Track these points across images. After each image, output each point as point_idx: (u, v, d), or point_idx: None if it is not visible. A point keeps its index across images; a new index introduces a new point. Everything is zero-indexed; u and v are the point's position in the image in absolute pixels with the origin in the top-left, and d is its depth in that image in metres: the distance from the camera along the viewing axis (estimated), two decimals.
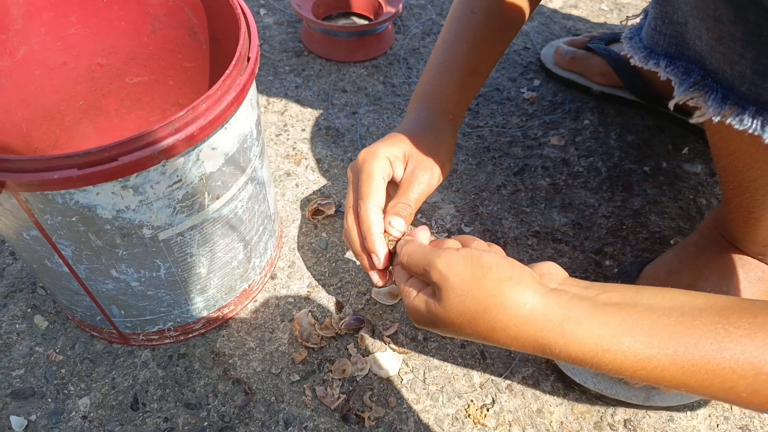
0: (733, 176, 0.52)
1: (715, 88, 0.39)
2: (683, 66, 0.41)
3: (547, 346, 0.37)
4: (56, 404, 0.59)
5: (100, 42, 0.64)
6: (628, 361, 0.36)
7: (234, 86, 0.46)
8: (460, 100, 0.61)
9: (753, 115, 0.38)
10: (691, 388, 0.35)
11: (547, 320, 0.37)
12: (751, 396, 0.34)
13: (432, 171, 0.54)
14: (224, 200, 0.52)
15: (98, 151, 0.40)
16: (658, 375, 0.35)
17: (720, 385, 0.34)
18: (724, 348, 0.34)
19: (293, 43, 1.00)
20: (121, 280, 0.53)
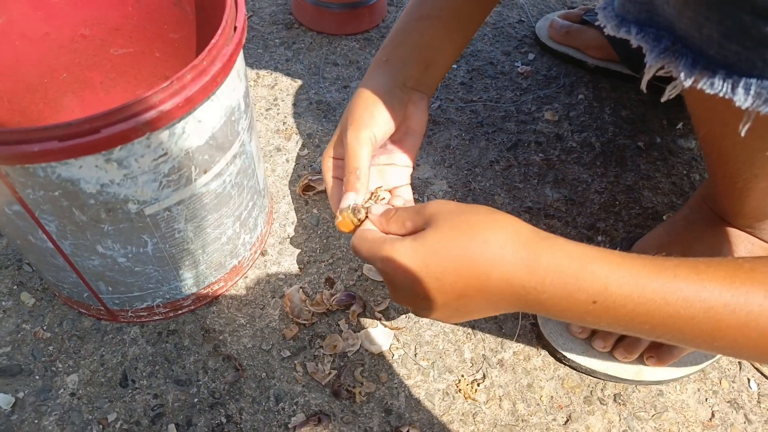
0: (714, 145, 0.52)
1: (685, 53, 0.39)
2: (653, 33, 0.41)
3: (534, 254, 0.38)
4: (44, 381, 0.59)
5: (82, 12, 0.62)
6: (597, 285, 0.36)
7: (220, 56, 0.45)
8: (421, 66, 0.57)
9: (723, 78, 0.38)
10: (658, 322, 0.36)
11: (532, 239, 0.39)
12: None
13: (361, 127, 0.52)
14: (212, 174, 0.51)
15: (80, 122, 0.39)
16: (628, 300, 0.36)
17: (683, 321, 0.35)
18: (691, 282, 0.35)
19: (283, 15, 0.98)
20: (107, 255, 0.52)
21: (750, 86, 0.37)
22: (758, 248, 0.58)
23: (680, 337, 0.36)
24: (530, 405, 0.59)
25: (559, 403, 0.59)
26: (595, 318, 0.38)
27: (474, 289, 0.39)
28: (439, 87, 0.87)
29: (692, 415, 0.59)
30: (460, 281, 0.39)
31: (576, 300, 0.37)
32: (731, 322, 0.34)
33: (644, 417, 0.58)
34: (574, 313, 0.38)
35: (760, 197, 0.52)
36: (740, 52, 0.36)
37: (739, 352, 0.36)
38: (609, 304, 0.36)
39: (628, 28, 0.43)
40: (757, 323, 0.33)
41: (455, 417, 0.58)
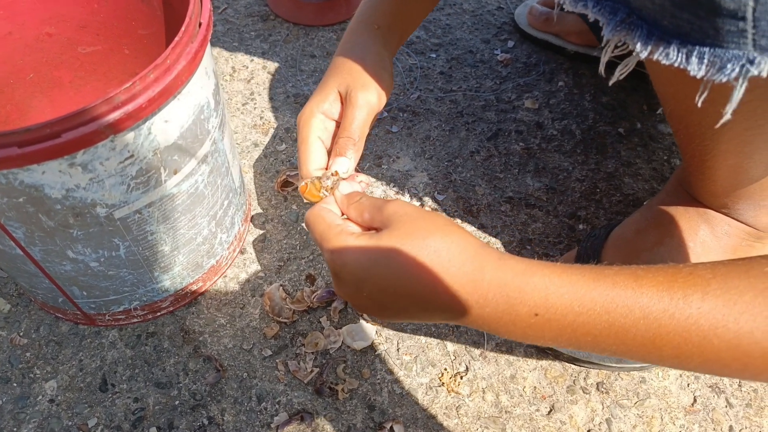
0: (680, 122, 0.52)
1: (640, 24, 0.39)
2: (609, 5, 0.41)
3: (480, 269, 0.38)
4: (22, 389, 0.58)
5: (47, 10, 0.60)
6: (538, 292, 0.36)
7: (184, 54, 0.44)
8: (396, 19, 0.58)
9: (677, 48, 0.38)
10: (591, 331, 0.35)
11: (486, 251, 0.39)
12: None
13: (370, 90, 0.52)
14: (183, 175, 0.50)
15: (39, 127, 0.38)
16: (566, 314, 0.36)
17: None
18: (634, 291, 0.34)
19: (259, 7, 0.96)
20: (79, 260, 0.51)
21: (703, 55, 0.37)
22: (735, 229, 0.58)
23: (623, 348, 0.35)
24: (513, 396, 0.59)
25: (543, 394, 0.59)
26: (538, 332, 0.37)
27: (418, 298, 0.39)
28: (418, 77, 0.86)
29: (674, 401, 0.59)
30: (404, 290, 0.39)
31: (518, 314, 0.36)
32: (671, 327, 0.33)
33: (627, 404, 0.58)
34: (517, 328, 0.37)
35: (731, 175, 0.52)
36: (692, 21, 0.36)
37: (687, 361, 0.34)
38: (551, 316, 0.36)
39: (585, 2, 0.43)
40: (698, 326, 0.33)
41: (439, 411, 0.58)
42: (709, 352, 0.33)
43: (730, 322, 0.32)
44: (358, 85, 0.51)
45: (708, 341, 0.32)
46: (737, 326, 0.32)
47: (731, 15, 0.34)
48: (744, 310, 0.32)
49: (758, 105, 0.43)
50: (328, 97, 0.52)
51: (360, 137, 0.51)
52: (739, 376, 0.34)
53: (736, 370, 0.33)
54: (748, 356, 0.32)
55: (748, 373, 0.33)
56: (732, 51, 0.36)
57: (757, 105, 0.43)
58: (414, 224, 0.40)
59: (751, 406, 0.59)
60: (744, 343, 0.32)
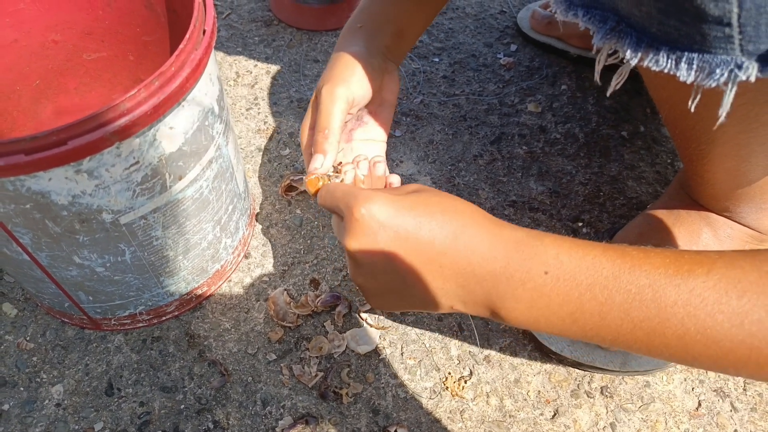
0: (676, 127, 0.52)
1: (629, 32, 0.40)
2: (599, 14, 0.41)
3: (499, 223, 0.39)
4: (29, 393, 0.58)
5: (52, 17, 0.61)
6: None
7: (189, 62, 0.44)
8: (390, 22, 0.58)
9: (666, 54, 0.38)
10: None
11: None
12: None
13: (337, 83, 0.52)
14: (188, 180, 0.50)
15: (45, 135, 0.38)
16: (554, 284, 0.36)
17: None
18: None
19: (262, 12, 0.97)
20: (85, 266, 0.51)
21: (692, 61, 0.37)
22: (738, 232, 0.58)
23: (628, 322, 0.34)
24: (517, 400, 0.59)
25: (547, 398, 0.59)
26: (545, 297, 0.36)
27: (435, 254, 0.39)
28: (421, 81, 0.87)
29: (679, 405, 0.59)
30: (423, 242, 0.39)
31: (530, 270, 0.36)
32: (676, 298, 0.33)
33: (631, 408, 0.58)
34: (527, 290, 0.37)
35: (729, 178, 0.53)
36: (679, 28, 0.37)
37: (691, 344, 0.33)
38: (560, 274, 0.36)
39: (575, 11, 0.43)
40: (702, 299, 0.32)
41: (443, 415, 0.58)
42: (712, 330, 0.32)
43: (733, 299, 0.32)
44: (324, 82, 0.52)
45: (712, 318, 0.32)
46: (740, 303, 0.32)
47: (717, 21, 0.35)
48: (748, 288, 0.32)
49: (750, 108, 0.44)
50: (310, 108, 0.54)
51: (331, 129, 0.50)
52: (746, 366, 0.32)
53: (741, 358, 0.32)
54: (753, 337, 0.31)
55: (753, 362, 0.32)
56: (720, 56, 0.36)
57: (749, 108, 0.43)
58: (440, 194, 0.41)
59: (756, 410, 0.58)
60: (747, 321, 0.31)
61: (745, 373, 0.33)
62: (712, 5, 0.34)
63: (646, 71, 0.47)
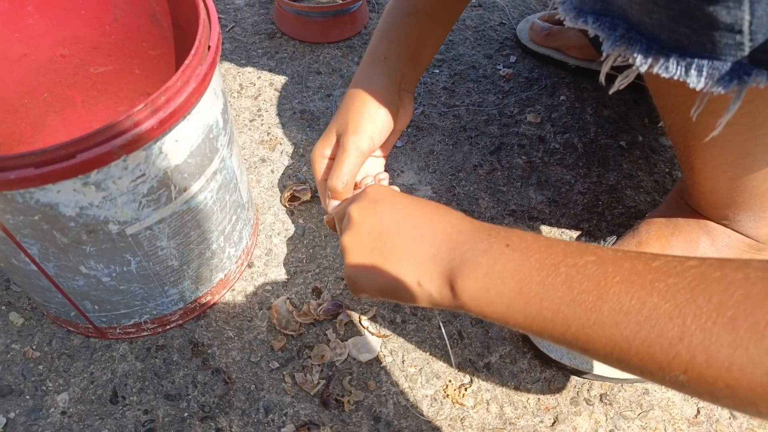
0: (680, 135, 0.53)
1: (639, 39, 0.40)
2: (609, 21, 0.42)
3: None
4: (35, 401, 0.59)
5: (60, 32, 0.62)
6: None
7: (194, 77, 0.45)
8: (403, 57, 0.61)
9: (676, 61, 0.39)
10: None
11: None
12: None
13: (360, 134, 0.56)
14: (192, 192, 0.51)
15: (55, 149, 0.39)
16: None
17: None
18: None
19: (265, 25, 0.98)
20: (91, 276, 0.52)
21: (702, 67, 0.38)
22: (735, 241, 0.59)
23: (568, 293, 0.32)
24: (517, 408, 0.59)
25: (546, 405, 0.60)
26: (499, 264, 0.36)
27: (417, 224, 0.42)
28: (422, 93, 0.88)
29: (678, 413, 0.59)
30: (410, 215, 0.43)
31: (491, 243, 0.37)
32: (616, 270, 0.31)
33: (630, 416, 0.59)
34: (486, 254, 0.37)
35: (730, 186, 0.53)
36: (690, 35, 0.37)
37: (624, 326, 0.30)
38: (518, 247, 0.36)
39: (585, 18, 0.44)
40: (640, 275, 0.30)
41: (444, 422, 0.58)
42: (649, 311, 0.29)
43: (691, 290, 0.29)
44: (349, 130, 0.56)
45: (649, 297, 0.29)
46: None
47: (728, 28, 0.35)
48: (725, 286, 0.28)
49: (757, 116, 0.44)
50: (330, 141, 0.58)
51: (347, 182, 0.56)
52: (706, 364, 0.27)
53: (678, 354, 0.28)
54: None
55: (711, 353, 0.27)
56: (730, 63, 0.37)
57: (755, 116, 0.44)
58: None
59: (755, 418, 0.59)
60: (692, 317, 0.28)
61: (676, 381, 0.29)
62: (724, 12, 0.35)
63: (652, 79, 0.48)
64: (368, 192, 0.46)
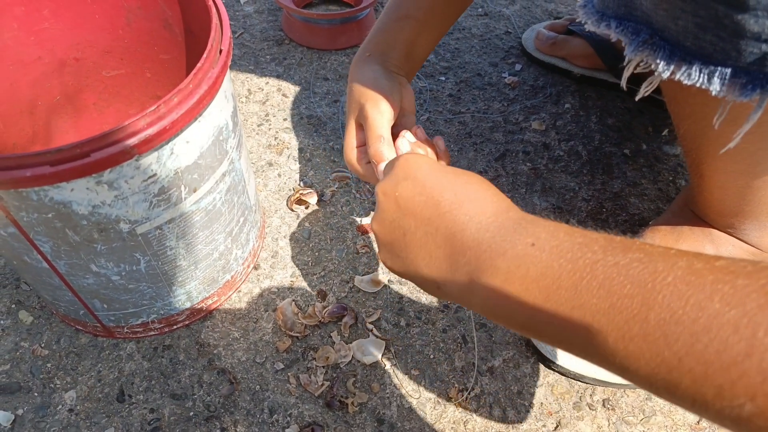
0: (693, 142, 0.53)
1: (662, 45, 0.40)
2: (632, 26, 0.42)
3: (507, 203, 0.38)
4: (43, 398, 0.60)
5: (74, 36, 0.64)
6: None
7: (206, 79, 0.46)
8: (401, 47, 0.60)
9: (699, 68, 0.39)
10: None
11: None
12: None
13: (380, 103, 0.55)
14: (202, 193, 0.52)
15: (70, 147, 0.40)
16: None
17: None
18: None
19: (274, 32, 1.00)
20: (101, 274, 0.53)
21: (725, 76, 0.38)
22: (739, 249, 0.59)
23: (605, 299, 0.28)
24: (520, 412, 0.60)
25: (549, 410, 0.60)
26: (523, 267, 0.32)
27: (438, 213, 0.39)
28: (428, 100, 0.89)
29: (680, 419, 0.59)
30: (438, 191, 0.40)
31: (514, 242, 0.33)
32: (668, 272, 0.27)
33: (633, 421, 0.59)
34: (507, 255, 0.33)
35: (739, 195, 0.53)
36: (715, 43, 0.37)
37: (674, 339, 0.25)
38: (546, 246, 0.32)
39: (608, 22, 0.44)
40: (699, 276, 0.26)
41: (447, 425, 0.59)
42: (706, 315, 0.25)
43: (739, 283, 0.25)
44: (366, 105, 0.54)
45: (709, 300, 0.25)
46: (743, 285, 0.25)
47: (755, 37, 0.35)
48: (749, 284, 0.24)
49: None
50: (352, 132, 0.57)
51: (386, 137, 0.53)
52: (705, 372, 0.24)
53: (736, 359, 0.23)
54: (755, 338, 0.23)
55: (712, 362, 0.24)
56: (753, 72, 0.37)
57: None
58: (478, 177, 0.42)
59: None
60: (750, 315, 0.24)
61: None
62: (752, 21, 0.35)
63: (669, 85, 0.47)
64: (396, 167, 0.43)
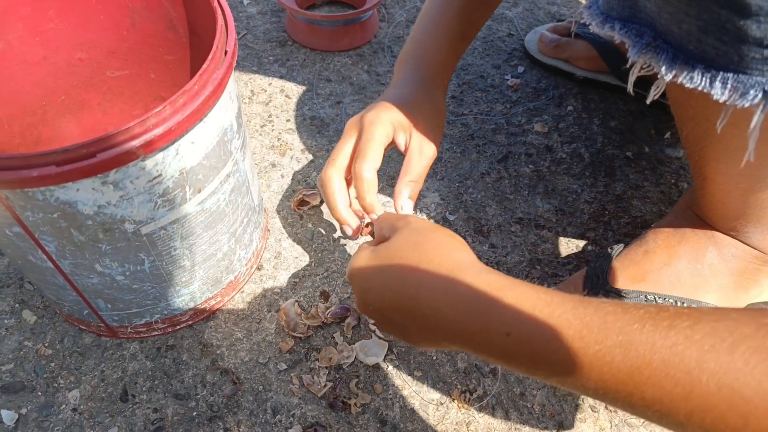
0: (697, 145, 0.53)
1: (665, 48, 0.41)
2: (636, 28, 0.42)
3: (456, 280, 0.37)
4: (46, 398, 0.60)
5: (79, 36, 0.64)
6: (524, 301, 0.34)
7: (211, 81, 0.46)
8: (450, 65, 0.61)
9: (702, 72, 0.39)
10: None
11: (474, 264, 0.39)
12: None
13: (434, 143, 0.56)
14: (206, 193, 0.52)
15: (76, 147, 0.41)
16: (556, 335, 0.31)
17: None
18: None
19: (277, 33, 1.00)
20: (105, 274, 0.53)
21: (727, 80, 0.38)
22: (741, 252, 0.59)
23: (602, 384, 0.30)
24: (522, 413, 0.60)
25: (551, 411, 0.60)
26: (515, 357, 0.34)
27: (405, 310, 0.39)
28: None
29: None
30: (392, 298, 0.40)
31: (491, 332, 0.34)
32: (651, 357, 0.28)
33: (635, 423, 0.59)
34: (495, 349, 0.34)
35: (742, 198, 0.53)
36: (718, 47, 0.37)
37: (673, 409, 0.27)
38: (522, 338, 0.33)
39: (612, 24, 0.44)
40: (683, 358, 0.27)
41: (449, 426, 0.59)
42: (698, 393, 0.26)
43: (722, 354, 0.26)
44: (427, 138, 0.55)
45: (695, 378, 0.27)
46: (730, 359, 0.26)
47: (757, 43, 0.35)
48: (741, 342, 0.26)
49: None
50: (401, 120, 0.56)
51: (421, 182, 0.55)
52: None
53: (735, 426, 0.26)
54: (747, 402, 0.25)
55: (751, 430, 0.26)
56: (755, 77, 0.37)
57: None
58: (413, 236, 0.41)
59: None
60: (739, 382, 0.25)
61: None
62: (754, 27, 0.35)
63: (673, 87, 0.48)
64: (349, 273, 0.45)
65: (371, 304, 0.43)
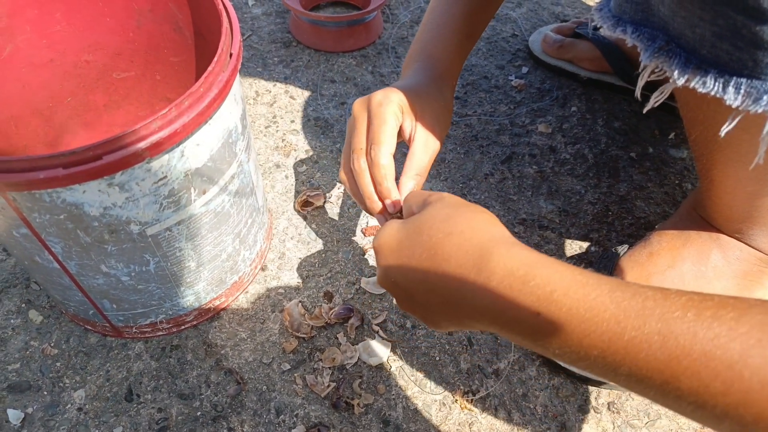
0: (704, 148, 0.53)
1: (678, 52, 0.40)
2: (648, 32, 0.42)
3: (487, 254, 0.35)
4: (52, 397, 0.60)
5: (85, 38, 0.64)
6: (560, 283, 0.32)
7: (216, 83, 0.47)
8: (458, 64, 0.60)
9: (714, 77, 0.39)
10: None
11: (504, 236, 0.38)
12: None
13: (439, 138, 0.54)
14: (211, 195, 0.53)
15: (83, 150, 0.41)
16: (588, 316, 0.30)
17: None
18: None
19: (282, 34, 1.00)
20: (111, 275, 0.54)
21: (740, 85, 0.38)
22: (746, 254, 0.59)
23: (636, 370, 0.29)
24: (525, 414, 0.60)
25: (554, 412, 0.60)
26: (540, 339, 0.32)
27: (430, 284, 0.38)
28: None
29: (685, 422, 0.60)
30: (417, 269, 0.38)
31: (519, 311, 0.32)
32: (692, 348, 0.27)
33: (638, 425, 0.59)
34: (521, 328, 0.33)
35: (748, 201, 0.53)
36: (732, 52, 0.37)
37: (710, 401, 0.27)
38: (554, 317, 0.31)
39: (624, 27, 0.44)
40: (725, 350, 0.26)
41: (452, 427, 0.59)
42: (738, 388, 0.25)
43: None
44: (433, 132, 0.53)
45: (737, 373, 0.26)
46: None
47: None
48: None
49: None
50: (407, 104, 0.53)
51: (425, 175, 0.54)
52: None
53: None
54: None
55: None
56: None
57: None
58: (444, 210, 0.40)
59: None
60: None
61: None
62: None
63: (683, 91, 0.47)
64: (375, 248, 0.43)
65: (395, 277, 0.40)
